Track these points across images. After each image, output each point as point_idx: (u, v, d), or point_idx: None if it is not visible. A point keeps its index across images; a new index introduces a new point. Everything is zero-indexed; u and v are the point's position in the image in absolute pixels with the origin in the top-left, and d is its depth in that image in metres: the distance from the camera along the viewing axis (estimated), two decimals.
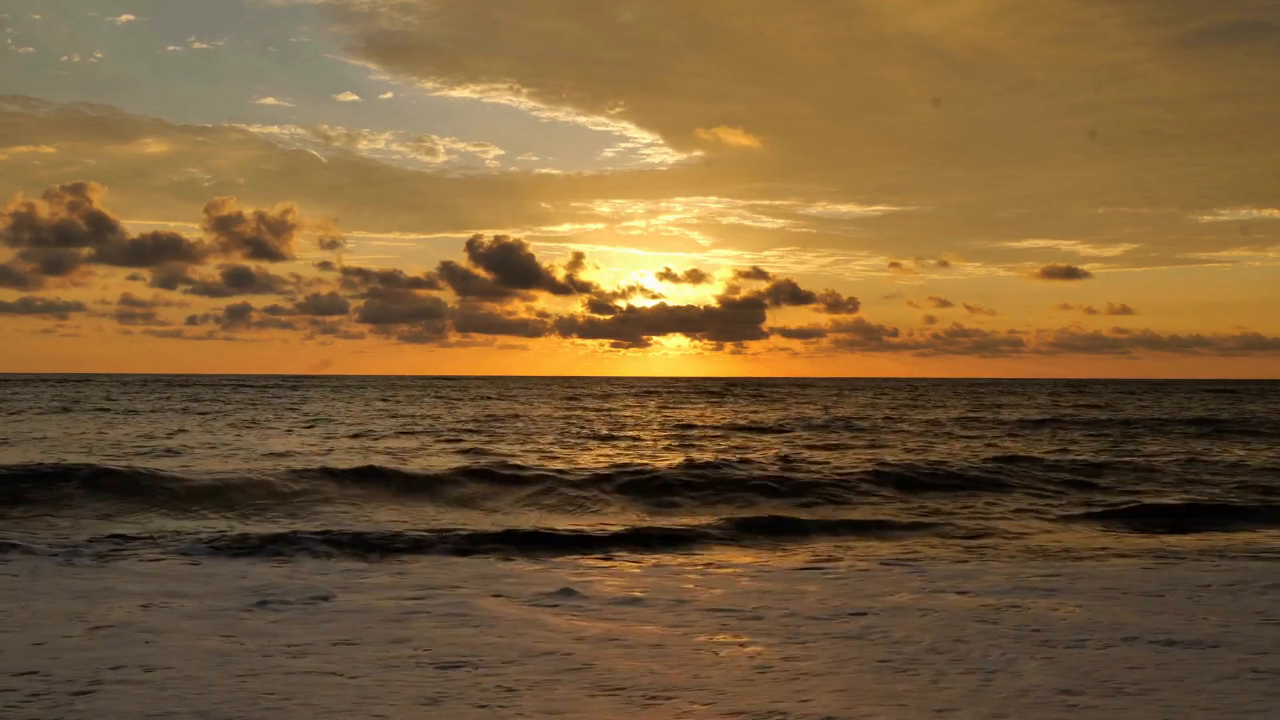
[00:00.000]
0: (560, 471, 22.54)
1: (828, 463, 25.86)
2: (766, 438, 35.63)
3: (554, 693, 7.53)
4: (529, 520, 17.60)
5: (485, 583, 12.08)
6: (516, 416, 48.18)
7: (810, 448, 31.54)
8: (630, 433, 37.49)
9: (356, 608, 10.52)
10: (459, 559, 14.11)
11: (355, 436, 33.89)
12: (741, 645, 9.02)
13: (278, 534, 15.33)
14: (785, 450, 29.97)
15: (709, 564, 13.78)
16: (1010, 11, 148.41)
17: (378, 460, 24.59)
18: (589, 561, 13.97)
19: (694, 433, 37.99)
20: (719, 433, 38.10)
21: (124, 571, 12.61)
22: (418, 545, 14.83)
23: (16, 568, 12.75)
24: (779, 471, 23.04)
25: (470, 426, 40.01)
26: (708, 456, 27.37)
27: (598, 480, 21.12)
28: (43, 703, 7.17)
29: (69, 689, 7.48)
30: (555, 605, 10.72)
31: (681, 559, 14.24)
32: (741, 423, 44.15)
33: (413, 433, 36.21)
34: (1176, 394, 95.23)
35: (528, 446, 30.55)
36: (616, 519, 18.03)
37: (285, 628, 9.56)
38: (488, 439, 33.26)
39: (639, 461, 25.39)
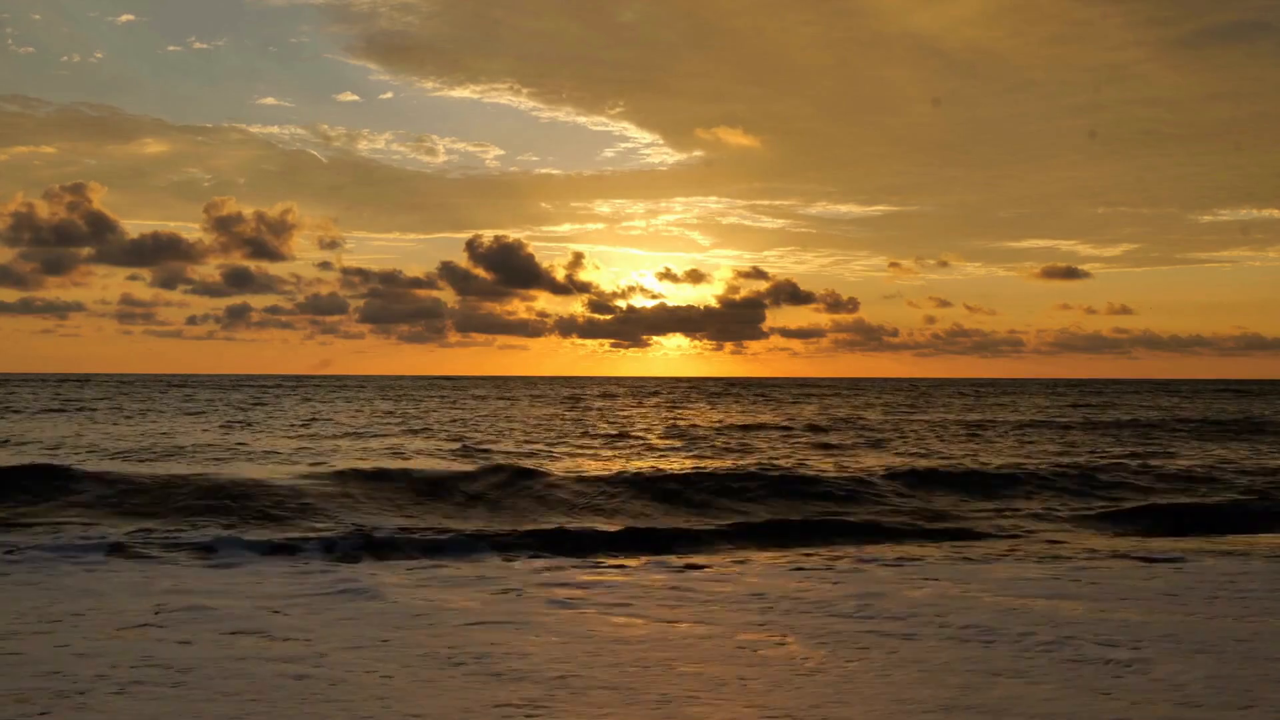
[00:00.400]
0: (578, 473, 22.48)
1: (842, 464, 25.86)
2: (777, 439, 35.60)
3: (593, 695, 7.50)
4: (551, 521, 17.53)
5: (518, 582, 12.04)
6: (518, 417, 48.10)
7: (822, 447, 31.58)
8: (641, 434, 37.43)
9: (388, 609, 10.48)
10: (487, 558, 14.08)
11: (360, 436, 33.83)
12: (782, 645, 9.00)
13: (294, 536, 15.31)
14: (797, 452, 29.97)
15: (735, 564, 13.76)
16: (1010, 11, 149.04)
17: (388, 461, 24.58)
18: (615, 562, 13.96)
19: (706, 434, 37.95)
20: (730, 434, 38.06)
21: (143, 571, 12.57)
22: (440, 546, 14.82)
23: (26, 567, 12.69)
24: (795, 473, 22.99)
25: (479, 427, 39.95)
26: (725, 460, 27.39)
27: (618, 482, 20.99)
28: (74, 702, 7.11)
29: (105, 689, 7.43)
30: (591, 605, 10.69)
31: (707, 559, 14.22)
32: (750, 423, 44.11)
33: (415, 431, 36.16)
34: (1181, 394, 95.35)
35: (540, 447, 30.52)
36: (639, 520, 17.98)
37: (315, 627, 9.52)
38: (495, 439, 33.21)
39: (656, 464, 25.35)
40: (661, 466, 23.73)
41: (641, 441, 33.55)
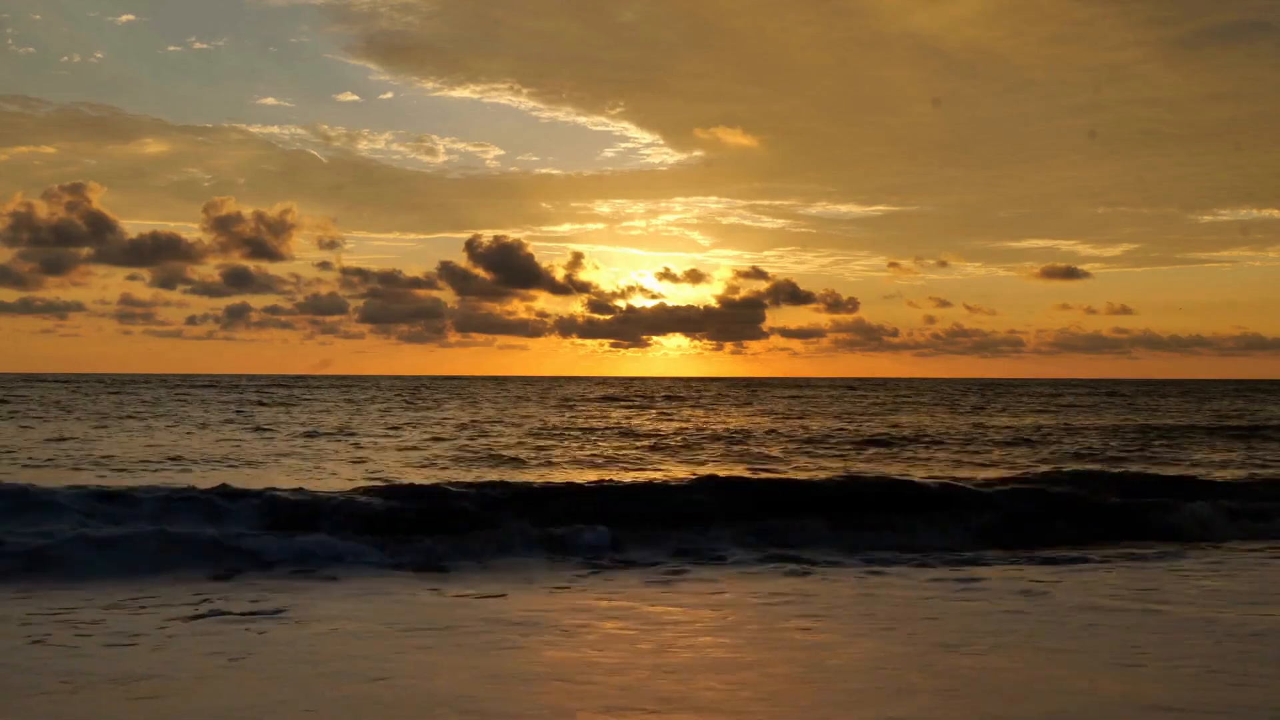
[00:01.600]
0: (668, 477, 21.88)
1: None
2: (822, 445, 35.12)
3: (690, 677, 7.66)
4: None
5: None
6: (560, 424, 48.01)
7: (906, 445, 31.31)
8: (695, 441, 36.92)
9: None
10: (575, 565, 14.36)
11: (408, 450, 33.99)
12: (831, 639, 9.12)
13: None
14: (856, 460, 29.65)
15: (805, 571, 13.85)
16: (1010, 11, 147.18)
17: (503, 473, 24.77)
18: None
19: (751, 439, 37.44)
20: (777, 437, 37.60)
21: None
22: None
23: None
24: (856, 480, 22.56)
25: (512, 433, 39.89)
26: (791, 467, 27.17)
27: (707, 488, 20.01)
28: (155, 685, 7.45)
29: (191, 679, 7.80)
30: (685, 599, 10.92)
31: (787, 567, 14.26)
32: (796, 428, 43.52)
33: (407, 429, 35.75)
34: (1189, 395, 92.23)
35: (615, 454, 30.54)
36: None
37: (346, 628, 9.84)
38: (525, 444, 33.10)
39: (737, 470, 24.95)
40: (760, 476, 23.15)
41: (722, 450, 33.26)
